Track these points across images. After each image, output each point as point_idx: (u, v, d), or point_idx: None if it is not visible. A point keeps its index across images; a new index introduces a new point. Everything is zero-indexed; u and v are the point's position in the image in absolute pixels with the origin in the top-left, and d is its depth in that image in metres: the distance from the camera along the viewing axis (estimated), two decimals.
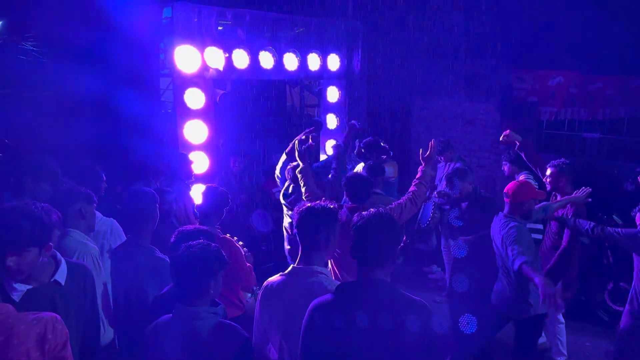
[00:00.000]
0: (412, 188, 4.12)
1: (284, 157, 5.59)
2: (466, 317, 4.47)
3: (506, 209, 3.98)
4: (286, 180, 5.29)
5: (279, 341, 2.55)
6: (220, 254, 2.36)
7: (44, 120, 4.86)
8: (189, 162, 5.16)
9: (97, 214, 3.36)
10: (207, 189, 3.84)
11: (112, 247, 3.49)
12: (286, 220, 5.42)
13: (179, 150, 5.53)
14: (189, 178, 5.11)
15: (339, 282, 2.49)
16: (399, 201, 4.08)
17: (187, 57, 5.45)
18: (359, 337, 2.14)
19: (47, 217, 2.22)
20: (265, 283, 2.67)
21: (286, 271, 2.62)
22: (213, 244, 2.39)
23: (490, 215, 4.19)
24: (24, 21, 5.06)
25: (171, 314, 2.35)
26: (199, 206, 3.83)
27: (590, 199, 4.56)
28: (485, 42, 8.20)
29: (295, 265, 2.61)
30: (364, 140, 5.95)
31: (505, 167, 5.93)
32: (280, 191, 5.49)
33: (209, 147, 5.79)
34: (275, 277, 2.64)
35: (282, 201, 5.35)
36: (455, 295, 4.96)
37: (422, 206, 5.31)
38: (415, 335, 2.12)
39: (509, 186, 4.01)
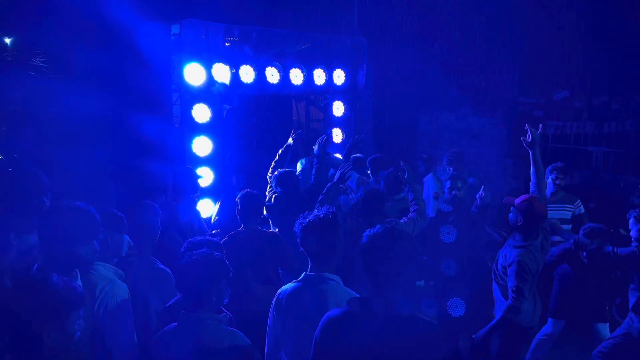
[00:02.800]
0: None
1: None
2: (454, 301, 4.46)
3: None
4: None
5: (291, 348, 2.58)
6: (223, 262, 2.41)
7: (52, 138, 4.93)
8: (196, 177, 5.21)
9: None
10: (243, 195, 4.05)
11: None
12: None
13: (186, 164, 5.60)
14: (195, 192, 5.16)
15: (348, 290, 2.55)
16: (409, 216, 4.12)
17: (194, 73, 5.55)
18: (370, 356, 2.09)
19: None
20: (278, 291, 2.72)
21: (299, 279, 2.67)
22: (216, 253, 2.44)
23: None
24: (34, 38, 5.14)
25: (176, 323, 2.40)
26: (238, 211, 4.02)
27: None
28: (491, 57, 8.25)
29: (307, 272, 2.66)
30: (371, 158, 5.93)
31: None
32: None
33: (214, 161, 5.87)
34: (288, 285, 2.69)
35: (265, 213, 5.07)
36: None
37: None
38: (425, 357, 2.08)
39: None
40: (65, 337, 2.16)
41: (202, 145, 5.75)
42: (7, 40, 5.08)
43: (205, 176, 5.76)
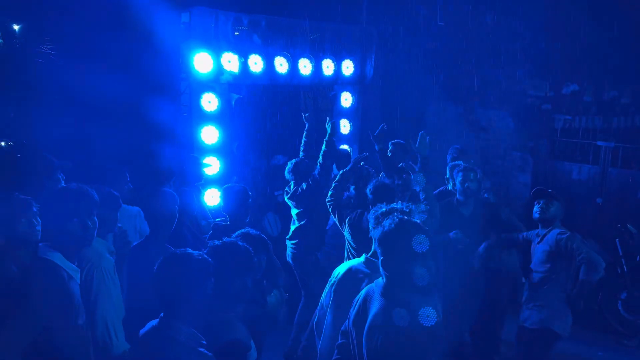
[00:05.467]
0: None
1: None
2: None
3: None
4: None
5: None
6: (248, 255, 2.45)
7: (61, 123, 4.94)
8: (200, 165, 5.25)
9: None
10: (225, 190, 4.00)
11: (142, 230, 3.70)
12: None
13: (193, 152, 5.61)
14: (199, 180, 5.20)
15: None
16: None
17: (203, 62, 5.54)
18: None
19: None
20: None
21: (360, 259, 2.93)
22: (241, 243, 2.47)
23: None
24: (43, 24, 5.14)
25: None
26: (223, 208, 4.00)
27: None
28: (499, 50, 8.19)
29: (368, 256, 2.87)
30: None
31: None
32: (281, 194, 5.55)
33: (222, 150, 5.87)
34: (352, 262, 2.93)
35: (289, 202, 5.24)
36: None
37: None
38: None
39: None
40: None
41: (210, 134, 5.76)
42: (16, 27, 5.09)
43: (213, 165, 5.78)
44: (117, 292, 2.88)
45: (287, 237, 5.30)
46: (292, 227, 5.27)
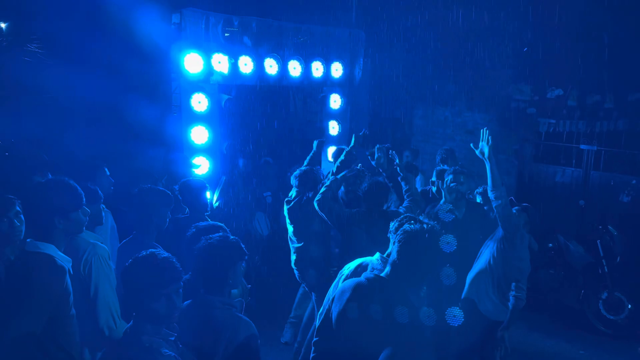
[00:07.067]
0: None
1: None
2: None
3: None
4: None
5: None
6: (239, 246, 2.48)
7: (48, 123, 4.95)
8: (189, 165, 5.29)
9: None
10: (183, 184, 4.12)
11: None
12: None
13: (183, 152, 5.65)
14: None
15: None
16: (405, 205, 4.23)
17: (194, 63, 5.58)
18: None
19: None
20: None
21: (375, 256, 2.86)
22: (231, 236, 2.51)
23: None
24: (30, 23, 5.13)
25: (190, 300, 2.46)
26: (182, 201, 4.05)
27: None
28: (486, 54, 8.33)
29: (383, 255, 2.81)
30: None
31: None
32: (270, 195, 5.53)
33: (212, 150, 5.91)
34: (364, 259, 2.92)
35: (286, 213, 4.93)
36: None
37: None
38: None
39: None
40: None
41: (199, 135, 5.79)
42: (3, 25, 5.08)
43: (202, 165, 5.81)
44: (113, 277, 2.92)
45: (292, 263, 4.97)
46: (293, 248, 4.94)
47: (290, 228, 4.90)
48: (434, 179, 5.21)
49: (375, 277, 2.45)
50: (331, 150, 7.06)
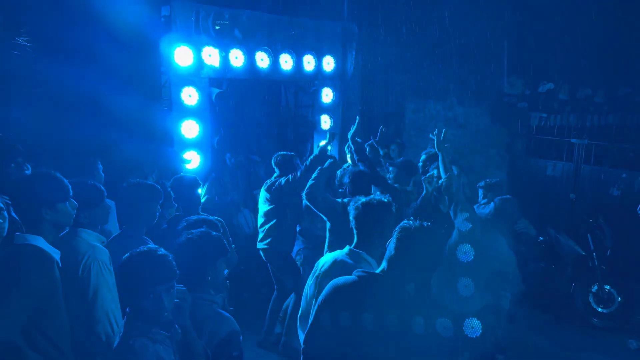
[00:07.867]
0: None
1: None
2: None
3: None
4: None
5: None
6: (220, 241, 2.45)
7: (37, 116, 4.88)
8: (179, 160, 5.25)
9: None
10: (176, 180, 4.10)
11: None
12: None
13: (173, 147, 5.60)
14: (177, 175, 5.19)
15: None
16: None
17: (184, 56, 5.52)
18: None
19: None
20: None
21: (344, 250, 2.90)
22: (213, 232, 2.47)
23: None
24: (18, 16, 5.06)
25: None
26: (175, 198, 3.98)
27: None
28: (478, 48, 8.33)
29: (351, 247, 2.87)
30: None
31: None
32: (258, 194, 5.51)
33: (202, 144, 5.87)
34: (334, 254, 2.95)
35: (265, 193, 5.05)
36: None
37: None
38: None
39: None
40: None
41: (190, 128, 5.74)
42: None
43: (193, 159, 5.77)
44: (113, 282, 2.84)
45: (259, 239, 5.10)
46: (263, 228, 5.06)
47: (264, 207, 5.03)
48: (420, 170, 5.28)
49: (369, 274, 2.42)
50: (322, 143, 7.03)
